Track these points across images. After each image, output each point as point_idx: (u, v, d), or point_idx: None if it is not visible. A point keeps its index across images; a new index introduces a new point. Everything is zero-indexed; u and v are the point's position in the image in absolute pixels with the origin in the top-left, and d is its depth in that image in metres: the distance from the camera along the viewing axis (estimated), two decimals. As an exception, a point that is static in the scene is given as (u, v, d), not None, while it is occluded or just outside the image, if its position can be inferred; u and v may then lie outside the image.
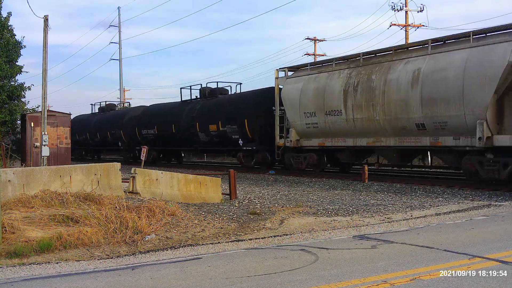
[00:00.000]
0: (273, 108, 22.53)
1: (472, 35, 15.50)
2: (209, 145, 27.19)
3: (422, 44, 17.30)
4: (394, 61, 17.59)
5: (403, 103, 16.76)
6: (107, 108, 39.41)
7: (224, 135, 25.13)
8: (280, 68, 22.62)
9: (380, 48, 19.04)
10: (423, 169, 21.19)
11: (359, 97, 18.24)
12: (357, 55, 19.37)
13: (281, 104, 22.02)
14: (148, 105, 34.75)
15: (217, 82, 28.56)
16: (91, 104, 41.03)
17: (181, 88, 30.62)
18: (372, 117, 17.90)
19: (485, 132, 14.48)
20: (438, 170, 21.04)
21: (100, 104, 40.42)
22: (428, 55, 16.51)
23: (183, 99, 30.15)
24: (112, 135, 35.13)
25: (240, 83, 28.20)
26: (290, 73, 22.50)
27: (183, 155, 33.49)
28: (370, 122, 18.04)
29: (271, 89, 23.05)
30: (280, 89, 22.14)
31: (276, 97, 22.27)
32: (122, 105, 44.59)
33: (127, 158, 34.05)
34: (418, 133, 16.59)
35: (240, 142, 24.15)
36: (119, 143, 34.92)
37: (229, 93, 28.22)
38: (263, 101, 23.29)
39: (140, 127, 32.19)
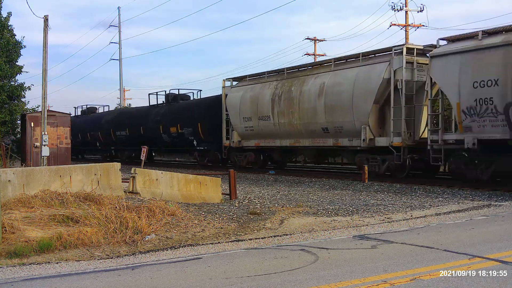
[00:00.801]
0: (221, 113, 25.86)
1: (362, 56, 19.19)
2: (171, 145, 30.53)
3: (328, 62, 21.08)
4: (308, 75, 21.27)
5: (313, 111, 20.42)
6: (88, 111, 42.02)
7: (182, 136, 28.25)
8: (226, 79, 26.05)
9: (301, 64, 22.75)
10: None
11: (283, 105, 21.91)
12: (283, 69, 22.95)
13: (227, 109, 25.48)
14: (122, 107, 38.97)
15: (179, 89, 32.06)
16: (74, 107, 43.30)
17: (149, 94, 35.04)
18: (292, 122, 21.56)
19: (368, 135, 18.34)
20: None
21: (82, 107, 43.23)
22: (331, 72, 20.17)
23: (151, 104, 33.11)
24: (91, 136, 38.06)
25: (200, 90, 31.34)
26: (234, 83, 25.89)
27: (154, 154, 36.23)
28: (290, 126, 21.72)
29: (220, 97, 26.31)
30: (226, 96, 25.60)
31: (223, 103, 25.78)
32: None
33: (105, 157, 37.59)
34: (324, 135, 20.38)
35: (195, 142, 27.40)
36: (97, 144, 38.02)
37: (192, 98, 31.23)
38: (213, 107, 26.47)
39: (114, 129, 35.09)
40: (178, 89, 31.62)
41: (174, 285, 5.71)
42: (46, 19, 20.98)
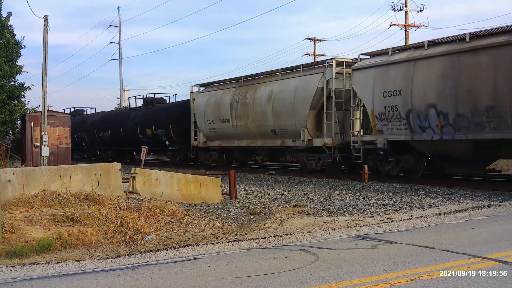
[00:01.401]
0: (190, 116, 28.33)
1: (302, 68, 22.02)
2: (147, 146, 31.44)
3: (276, 72, 23.53)
4: (260, 83, 23.86)
5: (263, 115, 22.99)
6: (75, 113, 43.71)
7: (157, 137, 30.51)
8: (194, 85, 28.74)
9: (256, 73, 24.89)
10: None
11: (239, 110, 24.32)
12: (240, 77, 25.43)
13: (194, 113, 27.96)
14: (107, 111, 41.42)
15: (155, 93, 35.50)
16: (63, 109, 44.30)
17: (129, 98, 37.10)
18: (247, 125, 24.03)
19: (306, 136, 20.97)
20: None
21: (70, 110, 44.54)
22: (278, 80, 22.85)
23: (131, 107, 35.66)
24: (78, 137, 39.37)
25: (175, 94, 34.18)
26: (202, 89, 28.33)
27: (134, 154, 37.89)
28: (246, 128, 24.18)
29: (189, 101, 28.81)
30: (194, 101, 28.13)
31: (191, 107, 28.26)
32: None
33: (90, 157, 40.84)
34: (273, 136, 22.99)
35: (167, 143, 29.68)
36: (83, 144, 40.35)
37: (167, 102, 33.37)
38: (184, 110, 28.85)
39: (98, 130, 37.39)
40: (154, 93, 35.10)
41: (174, 285, 5.71)
42: (46, 19, 20.98)
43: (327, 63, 20.45)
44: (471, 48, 15.34)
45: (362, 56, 19.36)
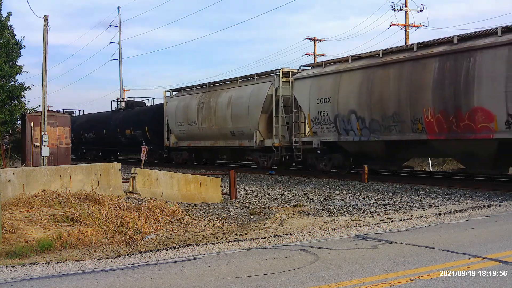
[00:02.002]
0: (163, 118, 31.00)
1: (256, 76, 24.81)
2: (127, 145, 35.48)
3: (235, 80, 26.28)
4: (222, 90, 26.59)
5: (224, 118, 25.66)
6: None
7: (135, 138, 32.77)
8: (167, 90, 31.62)
9: (222, 79, 27.81)
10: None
11: (204, 113, 27.07)
12: (206, 84, 28.30)
13: (167, 116, 30.58)
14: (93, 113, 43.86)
15: (134, 97, 37.22)
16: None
17: (111, 101, 39.32)
18: (211, 127, 26.72)
19: (258, 137, 23.68)
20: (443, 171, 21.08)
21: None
22: (236, 87, 25.62)
23: (113, 109, 38.04)
24: None
25: (154, 98, 36.24)
26: (174, 93, 31.21)
27: (118, 153, 40.95)
28: (210, 130, 26.85)
29: (162, 105, 31.51)
30: (167, 104, 30.92)
31: (164, 111, 30.88)
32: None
33: (77, 155, 42.43)
34: (232, 137, 25.62)
35: (144, 143, 30.71)
36: (71, 144, 42.61)
37: (146, 105, 36.15)
38: (158, 113, 31.45)
39: (84, 131, 39.63)
40: (134, 97, 37.18)
41: (174, 285, 5.71)
42: (46, 19, 20.97)
43: (276, 73, 23.27)
44: (382, 62, 18.06)
45: (302, 67, 22.49)
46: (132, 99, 36.89)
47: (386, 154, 18.91)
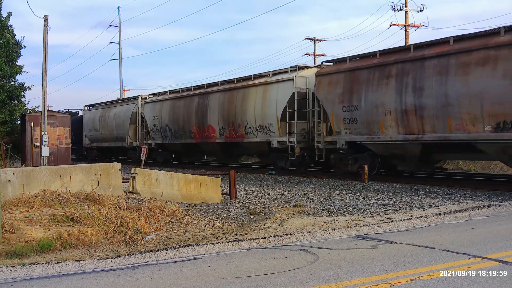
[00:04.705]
0: (82, 126, 41.67)
1: (129, 99, 35.28)
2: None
3: (118, 101, 37.80)
4: (111, 107, 36.58)
5: (111, 127, 35.71)
6: None
7: (72, 139, 38.91)
8: (84, 105, 42.14)
9: (115, 99, 40.11)
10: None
11: (103, 123, 37.09)
12: (106, 102, 39.38)
13: (83, 124, 41.30)
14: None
15: (69, 108, 46.85)
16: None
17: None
18: (106, 132, 36.45)
19: (129, 140, 33.71)
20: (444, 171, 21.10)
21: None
22: (118, 106, 36.21)
23: (79, 115, 46.24)
24: None
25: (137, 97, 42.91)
26: (90, 108, 40.96)
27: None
28: (105, 135, 36.73)
29: (82, 116, 42.37)
30: (84, 115, 41.60)
31: (83, 120, 40.88)
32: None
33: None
34: (116, 140, 35.50)
35: (71, 143, 36.49)
36: None
37: (79, 114, 45.28)
38: (80, 122, 41.33)
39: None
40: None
41: (174, 285, 5.71)
42: (46, 19, 20.96)
43: (138, 98, 33.59)
44: (241, 86, 24.13)
45: (149, 94, 33.41)
46: (67, 110, 46.15)
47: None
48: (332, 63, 20.30)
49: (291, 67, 21.96)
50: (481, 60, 14.37)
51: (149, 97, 32.61)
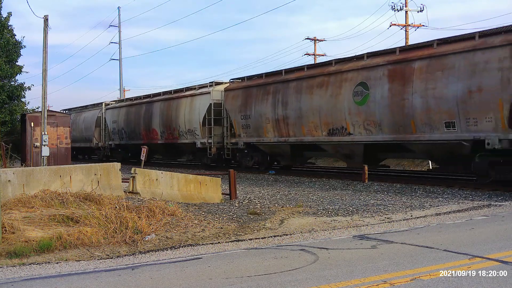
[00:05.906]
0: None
1: (95, 105, 39.23)
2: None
3: (95, 104, 40.15)
4: (82, 112, 40.81)
5: (81, 130, 39.62)
6: None
7: None
8: (64, 109, 44.61)
9: (87, 104, 42.75)
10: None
11: (74, 126, 37.09)
12: (80, 107, 42.96)
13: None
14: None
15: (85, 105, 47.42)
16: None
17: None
18: (78, 134, 39.14)
19: (94, 141, 37.49)
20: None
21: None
22: (87, 111, 40.12)
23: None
24: None
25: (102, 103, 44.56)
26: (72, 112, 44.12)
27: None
28: (78, 137, 39.34)
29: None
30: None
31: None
32: None
33: None
34: (86, 141, 38.72)
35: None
36: None
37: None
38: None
39: None
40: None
41: (174, 285, 5.71)
42: (46, 19, 20.96)
43: (102, 104, 37.56)
44: (177, 96, 28.56)
45: (111, 101, 38.08)
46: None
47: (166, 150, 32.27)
48: (239, 80, 25.34)
49: (209, 82, 27.28)
50: (319, 83, 19.84)
51: (111, 104, 37.64)
